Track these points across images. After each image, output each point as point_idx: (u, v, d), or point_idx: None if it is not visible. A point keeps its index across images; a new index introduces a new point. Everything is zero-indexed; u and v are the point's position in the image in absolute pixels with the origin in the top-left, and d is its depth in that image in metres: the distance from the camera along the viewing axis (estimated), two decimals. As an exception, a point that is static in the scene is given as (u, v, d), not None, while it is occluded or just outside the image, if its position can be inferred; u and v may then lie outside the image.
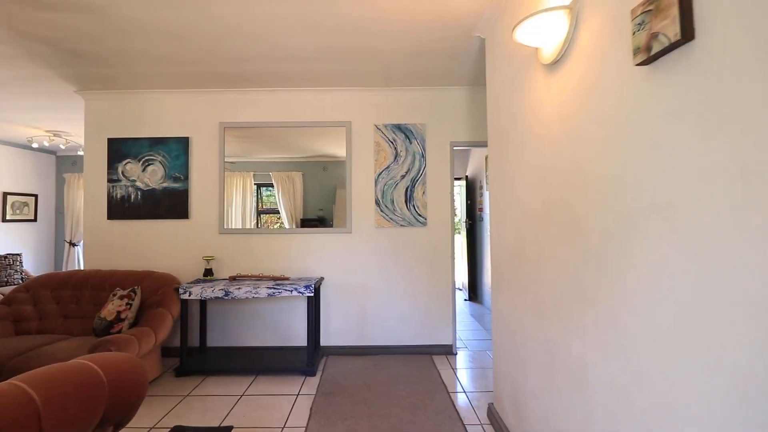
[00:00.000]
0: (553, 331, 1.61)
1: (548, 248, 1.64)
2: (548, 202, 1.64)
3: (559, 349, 1.55)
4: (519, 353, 1.98)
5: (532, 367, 1.81)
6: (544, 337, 1.70)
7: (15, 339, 2.82)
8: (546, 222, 1.66)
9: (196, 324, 3.56)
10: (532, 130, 1.80)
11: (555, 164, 1.58)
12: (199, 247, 3.57)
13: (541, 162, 1.71)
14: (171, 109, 3.60)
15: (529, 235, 1.84)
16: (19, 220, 5.96)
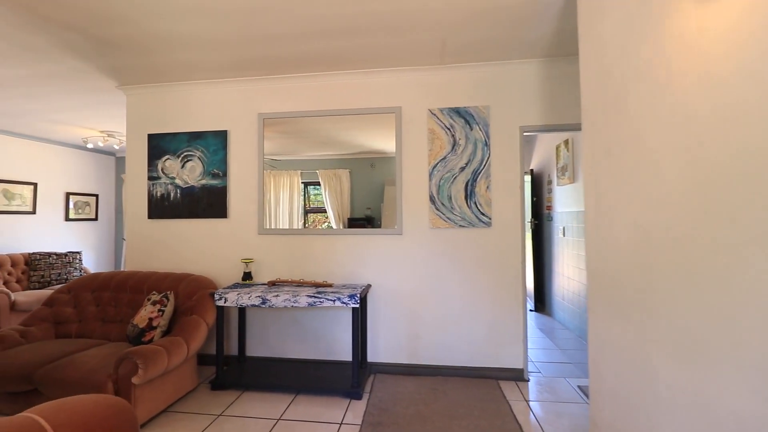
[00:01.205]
0: (717, 383, 1.04)
1: (710, 258, 1.07)
2: (712, 183, 1.07)
3: (733, 411, 0.98)
4: (640, 404, 1.41)
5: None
6: (694, 390, 1.13)
7: (50, 343, 2.69)
8: (706, 217, 1.09)
9: (234, 331, 3.30)
10: (678, 80, 1.23)
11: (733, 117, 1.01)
12: (238, 249, 3.31)
13: (700, 126, 1.14)
14: (208, 101, 3.38)
15: (666, 237, 1.27)
16: (80, 219, 6.19)
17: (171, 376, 2.57)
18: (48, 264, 5.09)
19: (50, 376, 2.28)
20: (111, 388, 2.22)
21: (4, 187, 5.03)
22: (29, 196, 5.36)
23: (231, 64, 3.00)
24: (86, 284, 3.19)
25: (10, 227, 5.10)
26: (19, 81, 3.26)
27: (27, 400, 2.40)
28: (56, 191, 5.75)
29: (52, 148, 5.66)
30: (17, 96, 3.65)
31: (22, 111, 4.12)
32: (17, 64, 2.91)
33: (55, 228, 5.73)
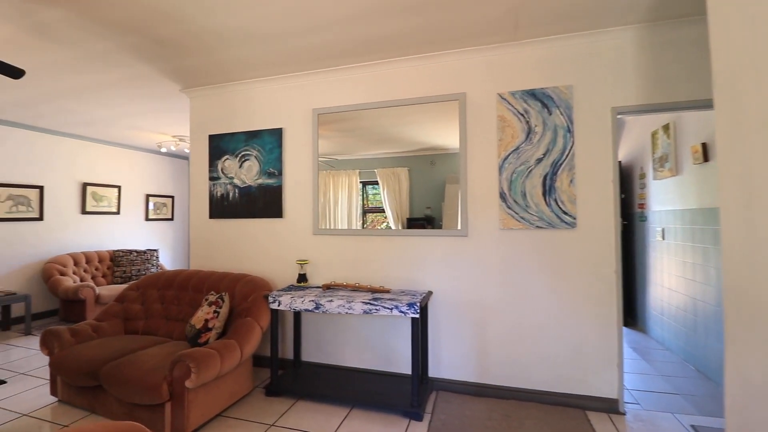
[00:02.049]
0: None
1: None
2: None
3: None
4: None
5: None
6: None
7: (117, 339, 2.76)
8: None
9: (290, 333, 3.19)
10: None
11: None
12: (293, 249, 3.19)
13: None
14: (264, 99, 3.31)
15: None
16: (158, 219, 6.64)
17: (226, 380, 2.49)
18: (129, 260, 5.49)
19: (112, 374, 2.29)
20: (165, 390, 2.18)
21: (93, 190, 5.51)
22: (114, 198, 5.83)
23: (284, 59, 2.88)
24: (153, 282, 3.28)
25: (99, 226, 5.58)
26: (95, 88, 3.46)
27: (94, 395, 2.46)
28: (137, 193, 6.21)
29: (133, 153, 6.12)
30: (95, 104, 3.90)
31: (101, 118, 4.43)
32: (91, 71, 3.06)
33: (136, 227, 6.19)
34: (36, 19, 2.29)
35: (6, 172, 4.49)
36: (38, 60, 2.84)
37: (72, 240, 5.21)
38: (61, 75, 3.14)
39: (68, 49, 2.67)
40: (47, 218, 4.91)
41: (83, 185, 5.36)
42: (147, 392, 2.18)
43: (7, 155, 4.50)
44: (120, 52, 2.74)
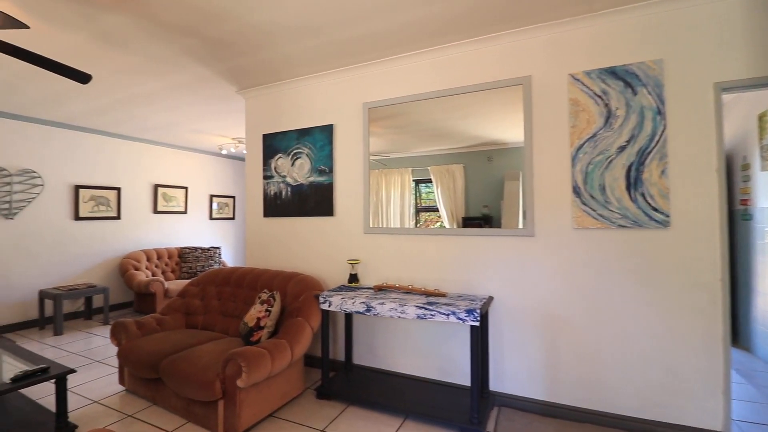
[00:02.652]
0: None
1: None
2: None
3: None
4: None
5: None
6: None
7: (177, 333, 2.84)
8: None
9: (341, 335, 3.10)
10: None
11: None
12: (344, 249, 3.10)
13: None
14: (314, 96, 3.26)
15: None
16: (221, 218, 6.98)
17: (277, 380, 2.45)
18: (194, 257, 5.80)
19: (170, 369, 2.34)
20: (218, 388, 2.17)
21: (164, 191, 5.90)
22: (182, 198, 6.21)
23: (332, 53, 2.79)
24: (211, 279, 3.37)
25: (168, 225, 5.96)
26: (160, 93, 3.63)
27: (155, 387, 2.54)
28: (202, 194, 6.57)
29: (198, 156, 6.48)
30: (162, 109, 4.13)
31: (168, 123, 4.70)
32: (155, 76, 3.20)
33: (201, 226, 6.55)
34: (101, 27, 2.40)
35: (89, 175, 4.93)
36: (108, 67, 3.02)
37: (145, 237, 5.61)
38: (128, 81, 3.32)
39: (133, 55, 2.79)
40: (124, 217, 5.33)
41: (155, 186, 5.75)
42: (201, 389, 2.18)
43: (88, 160, 4.93)
44: (179, 56, 2.82)
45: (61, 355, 3.52)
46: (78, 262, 4.81)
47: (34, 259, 4.39)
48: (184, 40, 2.58)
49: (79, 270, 4.81)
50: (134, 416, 2.44)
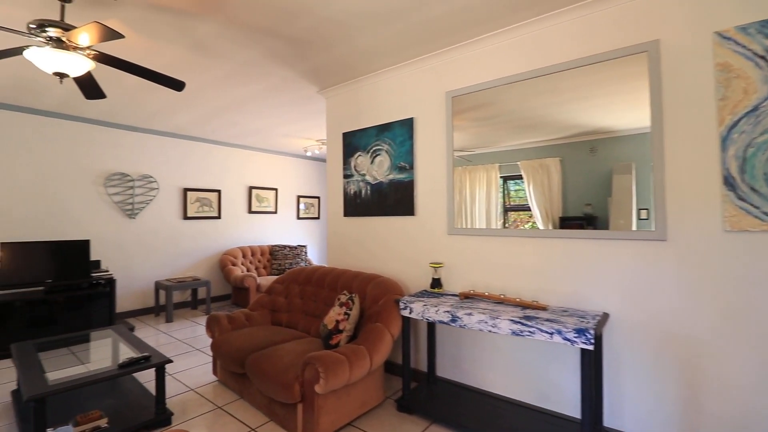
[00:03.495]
0: None
1: None
2: None
3: None
4: None
5: None
6: None
7: (263, 330, 2.89)
8: None
9: (423, 343, 2.89)
10: None
11: None
12: (426, 250, 2.88)
13: None
14: (393, 88, 3.09)
15: None
16: (307, 218, 7.27)
17: (356, 388, 2.33)
18: (283, 255, 6.09)
19: (253, 366, 2.36)
20: (297, 391, 2.11)
21: (257, 192, 6.31)
22: (272, 199, 6.59)
23: (409, 40, 2.59)
24: (294, 277, 3.42)
25: (260, 224, 6.37)
26: (250, 100, 3.81)
27: (242, 382, 2.61)
28: (290, 195, 6.91)
29: (286, 159, 6.82)
30: (253, 115, 4.35)
31: (259, 128, 4.97)
32: (244, 82, 3.34)
33: (290, 225, 6.88)
34: (195, 37, 2.52)
35: (194, 179, 5.46)
36: (203, 78, 3.23)
37: (241, 235, 6.06)
38: (222, 90, 3.53)
39: (224, 63, 2.93)
40: (224, 216, 5.81)
41: (249, 188, 6.18)
42: (281, 390, 2.15)
43: (195, 165, 5.47)
44: (263, 60, 2.88)
45: (169, 341, 3.90)
46: (186, 257, 5.35)
47: (150, 254, 4.99)
48: (267, 42, 2.61)
49: (186, 264, 5.36)
50: (223, 408, 2.52)
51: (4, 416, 2.41)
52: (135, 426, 2.19)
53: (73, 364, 2.37)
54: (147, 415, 2.29)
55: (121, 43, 2.57)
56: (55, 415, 2.28)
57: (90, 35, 1.75)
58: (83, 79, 2.22)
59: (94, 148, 4.52)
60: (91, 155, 4.50)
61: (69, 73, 1.96)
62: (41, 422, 1.90)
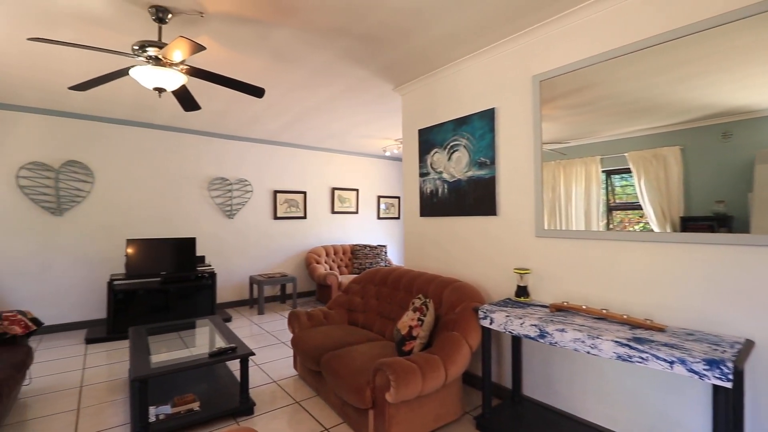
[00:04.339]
0: None
1: None
2: None
3: None
4: None
5: None
6: None
7: (339, 329, 2.90)
8: None
9: (507, 357, 2.62)
10: None
11: None
12: (510, 254, 2.60)
13: None
14: (472, 78, 2.86)
15: None
16: (387, 218, 7.30)
17: (431, 400, 2.18)
18: (364, 254, 6.18)
19: (328, 365, 2.36)
20: (368, 396, 2.04)
21: (339, 193, 6.51)
22: (354, 200, 6.74)
23: (489, 21, 2.33)
24: (371, 278, 3.39)
25: (342, 224, 6.56)
26: (328, 103, 3.89)
27: (319, 379, 2.63)
28: (371, 195, 7.00)
29: (366, 160, 6.92)
30: (332, 118, 4.46)
31: (339, 131, 5.09)
32: (321, 85, 3.41)
33: (370, 225, 6.98)
34: (273, 45, 2.61)
35: (283, 181, 5.83)
36: (284, 84, 3.36)
37: (324, 234, 6.30)
38: (301, 95, 3.65)
39: (300, 67, 3.00)
40: (309, 216, 6.11)
41: (332, 189, 6.41)
42: (352, 393, 2.10)
43: (282, 168, 5.83)
44: (337, 61, 2.88)
45: (260, 332, 4.18)
46: (275, 254, 5.74)
47: (246, 251, 5.45)
48: (340, 43, 2.59)
49: (276, 261, 5.74)
50: (301, 403, 2.57)
51: (122, 390, 2.78)
52: (221, 413, 2.34)
53: (175, 348, 2.63)
54: (233, 403, 2.43)
55: (212, 58, 2.79)
56: (158, 393, 2.55)
57: (178, 49, 1.90)
58: (179, 92, 2.44)
59: (199, 155, 5.09)
60: (196, 162, 5.07)
61: (166, 87, 2.16)
62: (144, 400, 2.12)
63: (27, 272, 4.03)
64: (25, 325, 2.57)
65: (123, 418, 2.39)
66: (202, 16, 2.22)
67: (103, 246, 4.43)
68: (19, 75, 3.10)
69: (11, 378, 2.15)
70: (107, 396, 2.68)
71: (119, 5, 2.09)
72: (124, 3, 2.07)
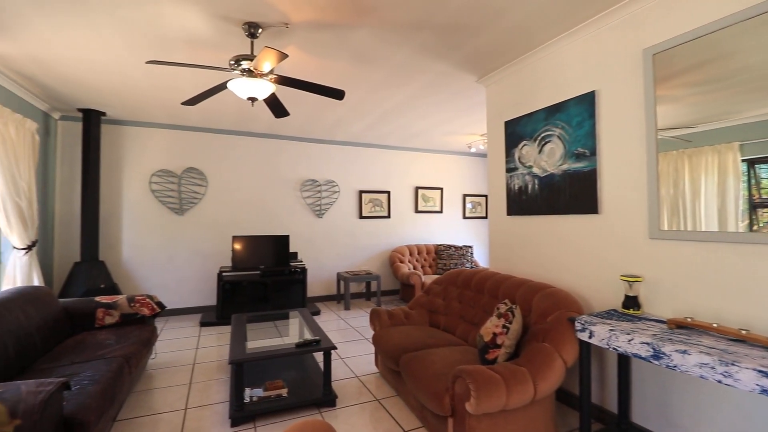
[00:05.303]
0: None
1: None
2: None
3: None
4: None
5: None
6: None
7: (419, 330, 2.84)
8: None
9: (612, 377, 2.28)
10: None
11: None
12: (615, 259, 2.26)
13: None
14: (567, 59, 2.55)
15: None
16: (474, 218, 7.02)
17: (516, 416, 1.99)
18: (448, 254, 6.03)
19: (406, 366, 2.32)
20: (447, 404, 1.94)
21: (423, 192, 6.45)
22: (438, 199, 6.62)
23: (598, -13, 2.04)
24: (453, 279, 3.26)
25: (425, 223, 6.48)
26: (409, 101, 3.85)
27: (398, 379, 2.60)
28: (456, 194, 6.80)
29: (450, 157, 6.73)
30: (414, 116, 4.41)
31: (422, 129, 5.02)
32: (402, 85, 3.38)
33: (455, 224, 6.78)
34: (352, 47, 2.65)
35: (368, 182, 5.98)
36: (365, 85, 3.41)
37: (408, 234, 6.30)
38: (382, 95, 3.67)
39: (380, 67, 3.01)
40: (392, 216, 6.17)
41: (415, 189, 6.38)
42: (431, 398, 2.02)
43: (367, 169, 5.99)
44: (416, 57, 2.82)
45: (345, 327, 4.33)
46: (360, 252, 5.91)
47: (333, 248, 5.72)
48: (417, 37, 2.52)
49: (361, 259, 5.92)
50: (381, 401, 2.58)
51: (226, 371, 3.09)
52: (306, 401, 2.45)
53: (269, 336, 2.84)
54: (316, 393, 2.54)
55: (298, 67, 2.94)
56: (252, 376, 2.78)
57: (266, 60, 2.03)
58: (270, 100, 2.63)
59: (292, 159, 5.49)
60: (290, 165, 5.47)
61: (258, 96, 2.33)
62: (240, 381, 2.32)
63: (156, 263, 4.78)
64: (152, 307, 3.03)
65: (224, 396, 2.66)
66: (287, 27, 2.35)
67: (214, 241, 5.04)
68: (147, 96, 3.67)
69: (139, 352, 2.55)
70: (214, 374, 3.01)
71: (218, 26, 2.33)
72: (221, 23, 2.29)
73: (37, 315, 2.52)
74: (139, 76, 3.17)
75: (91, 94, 3.65)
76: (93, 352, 2.41)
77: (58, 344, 2.62)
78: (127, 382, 2.34)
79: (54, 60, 2.86)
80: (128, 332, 2.77)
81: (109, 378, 2.08)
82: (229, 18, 2.23)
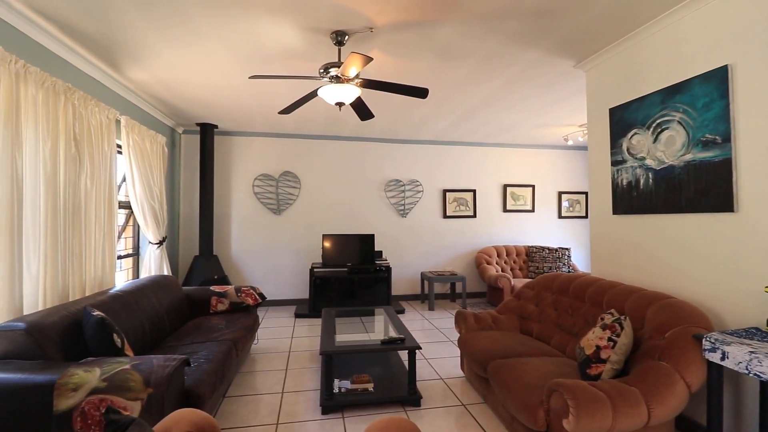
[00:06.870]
0: None
1: None
2: None
3: None
4: None
5: None
6: None
7: (508, 336, 2.68)
8: None
9: (753, 408, 1.88)
10: None
11: None
12: (757, 267, 1.86)
13: None
14: (689, 32, 2.16)
15: None
16: (571, 217, 6.42)
17: (624, 441, 1.76)
18: (541, 257, 5.61)
19: (495, 373, 2.21)
20: (542, 418, 1.80)
21: (512, 190, 6.10)
22: (529, 197, 6.20)
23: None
24: (547, 284, 3.02)
25: (515, 223, 6.12)
26: (497, 94, 3.66)
27: (486, 386, 2.49)
28: (550, 191, 6.30)
29: (543, 152, 6.25)
30: (502, 110, 4.18)
31: (511, 123, 4.74)
32: (489, 77, 3.22)
33: (549, 224, 6.28)
34: (436, 44, 2.60)
35: (452, 180, 5.86)
36: (449, 82, 3.33)
37: (496, 234, 6.02)
38: (467, 90, 3.55)
39: (465, 62, 2.90)
40: (478, 215, 5.96)
41: (504, 186, 6.07)
42: (522, 410, 1.89)
43: (451, 168, 5.87)
44: (503, 48, 2.66)
45: (429, 327, 4.30)
46: (444, 252, 5.82)
47: (417, 248, 5.73)
48: (504, 26, 2.38)
49: (446, 259, 5.82)
50: (467, 407, 2.49)
51: (317, 360, 3.29)
52: (391, 398, 2.48)
53: (356, 331, 2.95)
54: (401, 391, 2.55)
55: (382, 70, 2.99)
56: (341, 368, 2.91)
57: (352, 65, 2.10)
58: (355, 104, 2.72)
59: (377, 160, 5.64)
60: (375, 166, 5.63)
61: (345, 101, 2.43)
62: (329, 372, 2.45)
63: (258, 258, 5.31)
64: (255, 297, 3.37)
65: (316, 384, 2.83)
66: (372, 31, 2.40)
67: (307, 239, 5.43)
68: (249, 107, 4.09)
69: (244, 337, 2.85)
70: (307, 363, 3.23)
71: (309, 37, 2.48)
72: (312, 35, 2.44)
73: (167, 300, 2.98)
74: (243, 90, 3.55)
75: (206, 109, 4.20)
76: (208, 334, 2.76)
77: (182, 325, 3.06)
78: (235, 363, 2.63)
79: (177, 82, 3.34)
80: (236, 318, 3.12)
81: (221, 358, 2.36)
82: (319, 29, 2.37)
